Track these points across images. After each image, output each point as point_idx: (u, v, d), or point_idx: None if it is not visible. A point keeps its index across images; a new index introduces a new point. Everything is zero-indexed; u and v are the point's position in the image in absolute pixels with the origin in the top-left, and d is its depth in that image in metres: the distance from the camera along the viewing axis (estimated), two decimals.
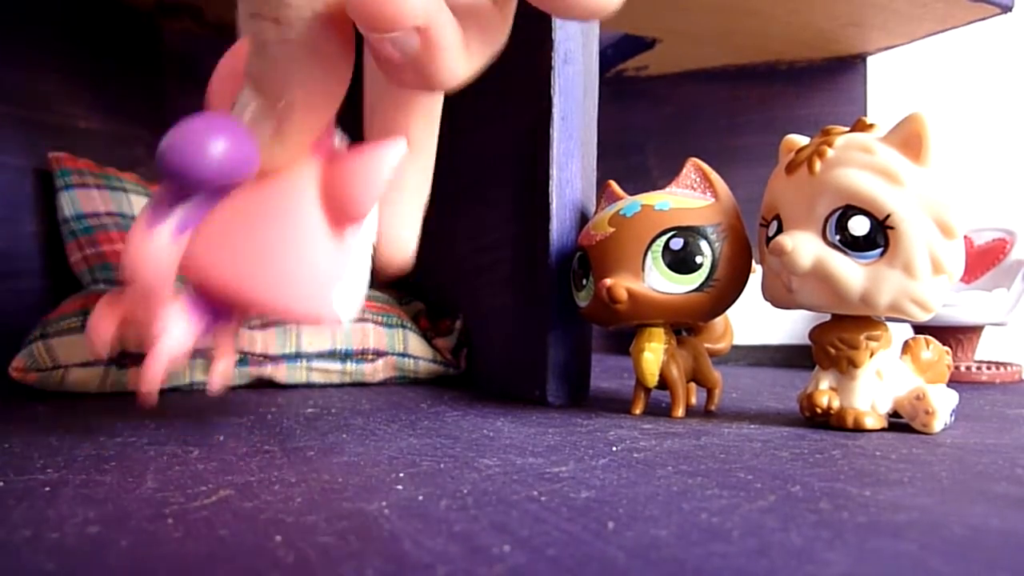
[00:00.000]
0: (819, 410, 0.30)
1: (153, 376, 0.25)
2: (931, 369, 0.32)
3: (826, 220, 0.28)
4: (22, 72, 0.52)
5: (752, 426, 0.31)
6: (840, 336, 0.30)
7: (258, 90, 0.21)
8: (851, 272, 0.28)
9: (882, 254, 0.28)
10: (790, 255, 0.28)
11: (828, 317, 0.31)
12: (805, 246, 0.28)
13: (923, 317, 0.28)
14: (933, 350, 0.32)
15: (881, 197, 0.27)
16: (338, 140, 0.26)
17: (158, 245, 0.23)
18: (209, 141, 0.21)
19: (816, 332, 0.31)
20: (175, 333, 0.25)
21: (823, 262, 0.28)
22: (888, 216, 0.27)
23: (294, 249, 0.23)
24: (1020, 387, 0.48)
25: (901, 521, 0.17)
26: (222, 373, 0.29)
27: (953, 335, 0.52)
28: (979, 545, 0.16)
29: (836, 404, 0.30)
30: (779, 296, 0.31)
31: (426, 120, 0.26)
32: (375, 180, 0.24)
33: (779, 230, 0.31)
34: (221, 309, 0.27)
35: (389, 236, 0.26)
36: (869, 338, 0.29)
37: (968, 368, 0.51)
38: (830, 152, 0.28)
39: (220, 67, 0.25)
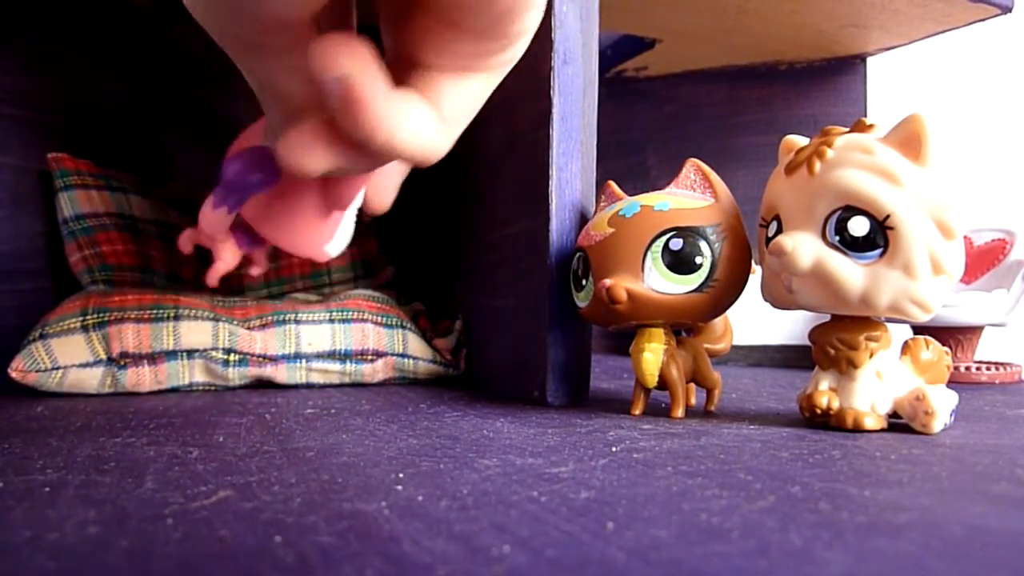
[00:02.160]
0: (819, 411, 0.30)
1: (214, 281, 0.39)
2: (931, 369, 0.32)
3: (826, 220, 0.28)
4: (22, 72, 0.52)
5: (752, 426, 0.31)
6: (840, 336, 0.30)
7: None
8: (851, 272, 0.28)
9: (882, 254, 0.28)
10: (790, 255, 0.28)
11: (828, 317, 0.31)
12: (805, 246, 0.28)
13: (923, 318, 0.28)
14: (933, 351, 0.32)
15: (881, 197, 0.27)
16: None
17: (217, 217, 0.35)
18: (236, 163, 0.31)
19: (816, 332, 0.31)
20: (227, 257, 0.39)
21: (823, 262, 0.28)
22: (888, 216, 0.27)
23: (303, 222, 0.35)
24: (1020, 387, 0.48)
25: (901, 521, 0.17)
26: (257, 274, 0.45)
27: (953, 335, 0.52)
28: (979, 545, 0.16)
29: (836, 405, 0.30)
30: (779, 296, 0.31)
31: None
32: (352, 194, 0.33)
33: (779, 230, 0.31)
34: (258, 239, 0.39)
35: (372, 196, 0.33)
36: (869, 339, 0.29)
37: (968, 368, 0.51)
38: (830, 153, 0.28)
39: (242, 137, 0.37)
